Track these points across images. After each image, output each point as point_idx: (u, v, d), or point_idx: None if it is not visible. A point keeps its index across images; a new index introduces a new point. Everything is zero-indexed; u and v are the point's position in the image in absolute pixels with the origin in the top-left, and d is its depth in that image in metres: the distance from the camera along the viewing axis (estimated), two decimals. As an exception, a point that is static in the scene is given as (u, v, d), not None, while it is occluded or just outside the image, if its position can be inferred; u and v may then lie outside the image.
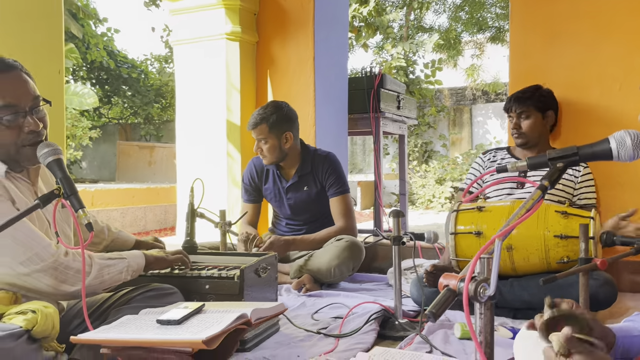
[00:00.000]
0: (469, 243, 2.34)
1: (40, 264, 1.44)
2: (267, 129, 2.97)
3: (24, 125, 1.51)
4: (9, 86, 1.50)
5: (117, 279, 1.63)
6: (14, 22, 2.25)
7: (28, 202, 1.53)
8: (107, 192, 7.39)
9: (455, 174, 10.88)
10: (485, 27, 13.32)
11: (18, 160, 1.54)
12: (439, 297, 0.86)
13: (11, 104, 1.49)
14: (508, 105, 2.78)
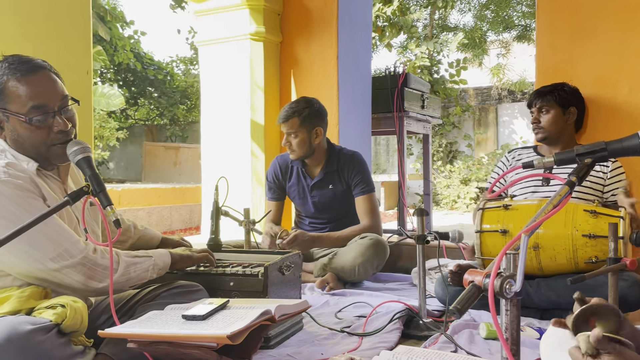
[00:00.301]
0: (495, 241, 2.31)
1: (70, 260, 1.47)
2: (298, 122, 2.98)
3: (53, 125, 1.54)
4: (38, 87, 1.52)
5: (143, 276, 1.65)
6: (43, 23, 2.30)
7: (58, 200, 1.55)
8: (134, 191, 7.50)
9: (480, 174, 10.77)
10: (511, 25, 13.15)
11: (48, 158, 1.57)
12: (464, 293, 0.85)
13: (41, 105, 1.52)
14: (530, 100, 2.76)
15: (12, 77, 1.51)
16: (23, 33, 2.20)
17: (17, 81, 1.50)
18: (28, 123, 1.51)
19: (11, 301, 1.39)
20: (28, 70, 1.52)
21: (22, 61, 1.54)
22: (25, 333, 1.25)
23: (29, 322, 1.28)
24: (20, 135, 1.53)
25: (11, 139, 1.54)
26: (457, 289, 2.35)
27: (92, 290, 1.52)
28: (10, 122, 1.52)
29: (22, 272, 1.47)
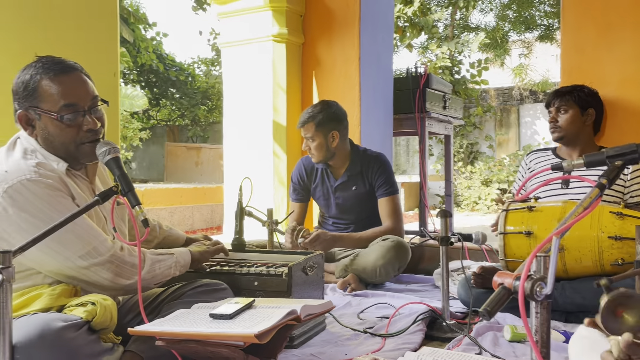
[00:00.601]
0: (519, 243, 2.29)
1: (98, 257, 1.50)
2: (313, 127, 3.01)
3: (83, 123, 1.57)
4: (70, 86, 1.56)
5: (167, 273, 1.69)
6: (72, 25, 2.34)
7: (86, 199, 1.59)
8: (157, 191, 7.59)
9: (501, 176, 10.66)
10: (534, 25, 13.01)
11: (77, 157, 1.60)
12: (493, 295, 0.85)
13: (72, 104, 1.55)
14: (548, 100, 2.74)
15: (45, 76, 1.55)
16: (51, 35, 2.25)
17: (50, 80, 1.54)
18: (59, 121, 1.54)
19: (43, 299, 1.43)
20: (60, 70, 1.56)
21: (55, 62, 1.58)
22: (58, 330, 1.28)
23: (61, 319, 1.31)
24: (50, 134, 1.56)
25: (42, 137, 1.57)
26: (480, 291, 2.34)
27: (120, 287, 1.55)
28: (41, 121, 1.56)
29: (52, 269, 1.50)
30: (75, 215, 1.33)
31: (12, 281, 1.15)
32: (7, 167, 1.48)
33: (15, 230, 1.44)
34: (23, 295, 1.44)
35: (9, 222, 1.44)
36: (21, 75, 1.58)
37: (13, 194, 1.43)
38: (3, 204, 1.43)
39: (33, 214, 1.44)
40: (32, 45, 2.16)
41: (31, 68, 1.57)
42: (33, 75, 1.55)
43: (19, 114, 1.57)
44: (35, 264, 1.50)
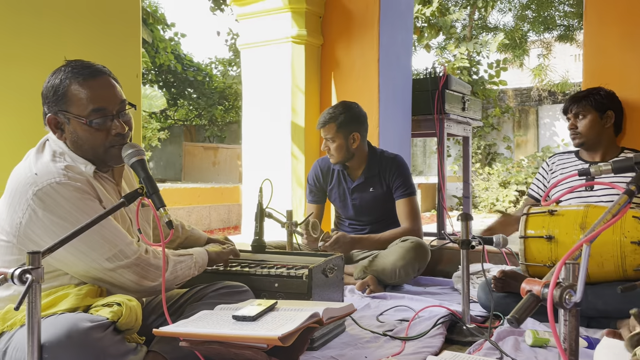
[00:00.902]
0: (540, 247, 2.27)
1: (124, 260, 1.51)
2: (334, 128, 3.00)
3: (111, 128, 1.58)
4: (99, 91, 1.57)
5: (187, 274, 1.72)
6: (95, 27, 2.37)
7: (113, 201, 1.60)
8: (175, 191, 7.65)
9: (520, 177, 10.57)
10: (553, 25, 12.87)
11: (105, 160, 1.61)
12: (521, 302, 0.85)
13: (101, 108, 1.56)
14: (565, 106, 2.72)
15: (75, 81, 1.56)
16: (75, 37, 2.28)
17: (79, 85, 1.56)
18: (88, 125, 1.55)
19: (69, 299, 1.45)
20: (90, 74, 1.58)
21: (84, 66, 1.59)
22: (85, 330, 1.30)
23: (88, 320, 1.33)
24: (79, 137, 1.57)
25: (71, 140, 1.59)
26: (500, 295, 2.33)
27: (144, 289, 1.57)
28: (71, 125, 1.57)
29: (79, 271, 1.52)
30: (102, 217, 1.35)
31: (41, 281, 1.17)
32: (36, 169, 1.50)
33: (44, 232, 1.46)
34: (50, 295, 1.46)
35: (38, 225, 1.46)
36: (51, 80, 1.59)
37: (42, 196, 1.45)
38: (33, 207, 1.45)
39: (62, 217, 1.46)
40: (58, 48, 2.19)
41: (60, 72, 1.58)
42: (63, 80, 1.56)
43: (48, 117, 1.58)
44: (63, 265, 1.52)
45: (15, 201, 1.48)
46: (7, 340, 1.39)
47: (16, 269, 1.14)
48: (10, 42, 2.06)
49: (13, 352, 1.35)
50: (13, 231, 1.49)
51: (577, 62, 21.26)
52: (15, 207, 1.48)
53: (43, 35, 2.16)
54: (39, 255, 1.17)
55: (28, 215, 1.46)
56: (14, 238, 1.49)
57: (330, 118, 3.02)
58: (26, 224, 1.46)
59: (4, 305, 1.51)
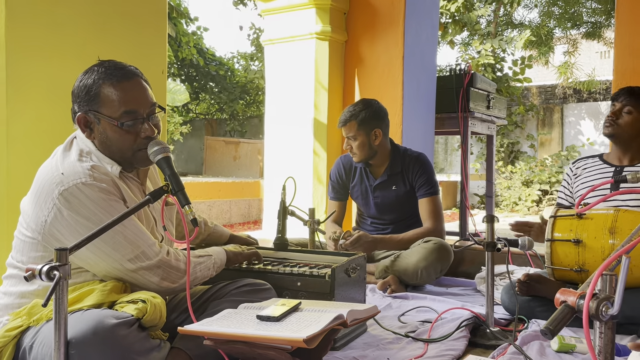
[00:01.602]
0: (567, 251, 2.23)
1: (146, 262, 1.52)
2: (355, 125, 2.98)
3: (141, 130, 1.58)
4: (131, 93, 1.57)
5: (206, 274, 1.73)
6: (120, 24, 2.38)
7: (137, 201, 1.59)
8: (196, 185, 7.70)
9: (543, 177, 10.42)
10: (580, 22, 12.65)
11: (132, 162, 1.62)
12: (556, 313, 0.83)
13: (132, 110, 1.56)
14: (617, 94, 2.60)
15: (108, 82, 1.56)
16: (100, 33, 2.29)
17: (112, 87, 1.56)
18: (119, 127, 1.55)
19: (94, 295, 1.46)
20: (123, 76, 1.57)
21: (118, 67, 1.59)
22: (111, 327, 1.31)
23: (113, 316, 1.34)
24: (108, 138, 1.58)
25: (100, 140, 1.59)
26: (524, 298, 2.29)
27: (165, 290, 1.58)
28: (101, 125, 1.57)
29: (101, 271, 1.53)
30: (126, 215, 1.35)
31: (68, 278, 1.18)
32: (63, 169, 1.51)
33: (69, 232, 1.48)
34: (76, 291, 1.48)
35: (63, 224, 1.48)
36: (83, 79, 1.59)
37: (68, 196, 1.47)
38: (58, 206, 1.47)
39: (86, 217, 1.47)
40: (86, 46, 2.21)
41: (93, 72, 1.58)
42: (96, 80, 1.56)
43: (78, 116, 1.58)
44: (86, 264, 1.53)
45: (42, 199, 1.49)
46: (33, 335, 1.40)
47: (44, 266, 1.15)
48: (44, 38, 2.08)
49: (39, 348, 1.37)
50: (38, 229, 1.50)
51: (603, 59, 20.87)
52: (41, 205, 1.49)
53: (71, 31, 2.17)
54: (66, 252, 1.18)
55: (53, 214, 1.47)
56: (39, 235, 1.51)
57: (351, 116, 3.00)
58: (51, 223, 1.48)
59: (29, 301, 1.52)
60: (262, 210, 4.59)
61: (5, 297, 1.58)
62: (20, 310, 1.47)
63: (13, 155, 2.00)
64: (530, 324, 2.19)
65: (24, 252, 1.56)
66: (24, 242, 1.56)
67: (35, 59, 2.06)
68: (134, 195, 1.64)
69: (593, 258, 2.16)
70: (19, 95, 2.01)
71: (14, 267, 1.60)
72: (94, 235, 1.28)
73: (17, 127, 2.00)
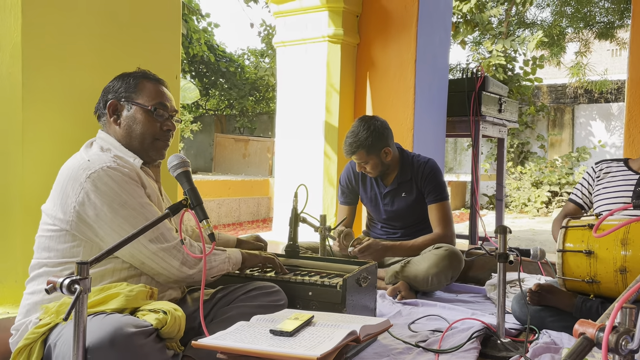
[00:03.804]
0: (578, 262, 2.22)
1: (165, 243, 1.62)
2: (364, 154, 2.95)
3: (164, 123, 1.80)
4: (163, 92, 1.83)
5: (221, 267, 1.81)
6: (134, 30, 2.38)
7: (156, 190, 1.78)
8: (205, 183, 7.73)
9: (553, 178, 10.37)
10: (593, 22, 12.54)
11: (148, 151, 1.78)
12: (574, 345, 0.82)
13: (164, 105, 1.80)
14: None
15: (147, 79, 1.81)
16: (114, 40, 2.29)
17: (152, 83, 1.81)
18: (150, 112, 1.76)
19: (119, 299, 1.48)
20: (159, 80, 1.85)
21: (152, 73, 1.86)
22: (129, 335, 1.33)
23: (133, 324, 1.36)
24: (136, 122, 1.75)
25: (125, 125, 1.76)
26: (536, 308, 2.29)
27: (185, 276, 1.66)
28: (131, 111, 1.76)
29: (126, 253, 1.61)
30: (152, 224, 1.39)
31: (88, 292, 1.19)
32: (88, 157, 1.65)
33: (95, 214, 1.57)
34: (102, 292, 1.50)
35: (90, 207, 1.57)
36: (122, 76, 1.81)
37: (95, 179, 1.58)
38: (86, 189, 1.57)
39: (111, 198, 1.58)
40: (100, 53, 2.22)
41: (132, 74, 1.82)
42: (137, 76, 1.80)
43: (110, 102, 1.76)
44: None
45: (69, 187, 1.59)
46: (58, 333, 1.44)
47: (65, 279, 1.16)
48: (58, 45, 2.09)
49: (62, 347, 1.41)
50: (67, 217, 1.58)
51: (615, 57, 20.69)
52: (68, 192, 1.59)
53: (85, 38, 2.18)
54: (87, 266, 1.19)
55: (81, 198, 1.57)
56: (67, 224, 1.59)
57: (358, 146, 2.93)
58: (79, 207, 1.57)
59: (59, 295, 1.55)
60: (272, 209, 4.60)
61: (33, 296, 1.63)
62: (51, 307, 1.50)
63: (28, 160, 2.01)
64: (541, 335, 2.18)
65: (51, 248, 1.63)
66: (50, 238, 1.63)
67: (50, 66, 2.07)
68: (153, 188, 1.76)
69: (605, 269, 2.15)
70: (35, 101, 2.02)
71: (39, 266, 1.65)
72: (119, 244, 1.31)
73: (32, 133, 2.02)
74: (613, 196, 2.58)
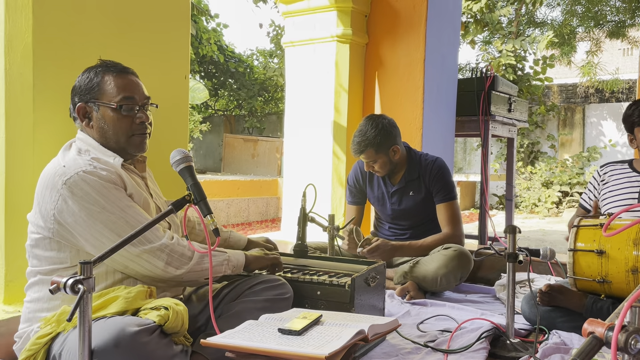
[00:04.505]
0: (589, 262, 2.21)
1: (149, 245, 1.57)
2: (373, 152, 2.93)
3: (136, 117, 1.72)
4: (129, 83, 1.73)
5: (216, 270, 1.73)
6: (144, 29, 2.39)
7: (140, 189, 1.71)
8: (215, 183, 7.75)
9: (564, 178, 10.30)
10: (604, 21, 12.45)
11: (126, 148, 1.72)
12: (583, 345, 0.82)
13: (129, 97, 1.71)
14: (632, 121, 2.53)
15: (108, 73, 1.71)
16: (124, 40, 2.30)
17: (113, 77, 1.71)
18: (117, 110, 1.69)
19: (118, 302, 1.48)
20: (120, 70, 1.74)
21: (116, 64, 1.76)
22: (132, 334, 1.33)
23: (135, 324, 1.36)
24: (106, 123, 1.69)
25: (97, 127, 1.70)
26: (546, 308, 2.27)
27: (171, 276, 1.61)
28: (99, 112, 1.69)
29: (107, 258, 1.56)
30: (151, 225, 1.37)
31: (92, 292, 1.19)
32: (64, 162, 1.61)
33: (74, 220, 1.54)
34: (101, 297, 1.50)
35: (68, 213, 1.54)
36: (84, 74, 1.74)
37: (71, 185, 1.54)
38: (64, 196, 1.54)
39: (90, 203, 1.54)
40: (110, 52, 2.23)
41: (94, 68, 1.73)
42: (97, 73, 1.71)
43: (78, 106, 1.71)
44: (96, 252, 1.55)
45: (47, 194, 1.56)
46: (61, 343, 1.43)
47: (68, 279, 1.17)
48: (69, 45, 2.11)
49: (67, 356, 1.40)
50: (47, 224, 1.56)
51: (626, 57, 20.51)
52: (47, 199, 1.56)
53: (95, 38, 2.20)
54: (90, 266, 1.20)
55: (60, 205, 1.54)
56: (49, 232, 1.57)
57: (367, 144, 2.92)
58: (58, 214, 1.54)
59: (59, 302, 1.56)
60: (280, 209, 4.61)
61: (32, 304, 1.62)
62: (50, 317, 1.50)
63: (39, 161, 2.02)
64: (551, 335, 2.17)
65: (39, 256, 1.62)
66: (36, 247, 1.62)
67: (61, 67, 2.09)
68: (137, 184, 1.71)
69: (616, 269, 2.13)
70: (46, 102, 2.04)
71: (33, 275, 1.65)
72: (118, 246, 1.30)
73: (43, 134, 2.03)
74: (619, 198, 2.56)
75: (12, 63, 2.01)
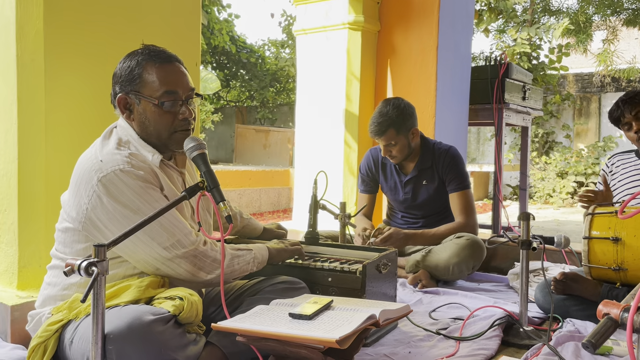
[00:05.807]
0: (605, 249, 2.18)
1: (182, 250, 1.52)
2: (394, 132, 2.90)
3: (179, 112, 1.62)
4: (172, 75, 1.62)
5: (245, 269, 1.71)
6: (154, 16, 2.39)
7: (175, 190, 1.64)
8: (227, 173, 7.77)
9: (579, 168, 10.18)
10: (621, 9, 12.24)
11: (168, 145, 1.64)
12: (598, 326, 0.80)
13: (172, 91, 1.60)
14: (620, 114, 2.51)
15: (151, 63, 1.60)
16: (135, 27, 2.30)
17: (155, 68, 1.60)
18: (158, 107, 1.60)
19: (131, 290, 1.48)
20: (164, 59, 1.62)
21: (160, 51, 1.65)
22: (147, 323, 1.33)
23: (150, 313, 1.36)
24: (147, 118, 1.61)
25: (138, 122, 1.62)
26: (560, 297, 2.25)
27: (200, 281, 1.58)
28: (140, 105, 1.61)
29: (138, 259, 1.54)
30: (164, 210, 1.37)
31: (106, 274, 1.19)
32: (101, 157, 1.54)
33: (107, 218, 1.50)
34: (114, 287, 1.50)
35: (102, 211, 1.50)
36: (126, 61, 1.63)
37: (107, 183, 1.49)
38: (98, 193, 1.49)
39: (124, 204, 1.49)
40: (121, 39, 2.23)
41: (137, 55, 1.62)
42: (139, 61, 1.61)
43: (119, 97, 1.62)
44: (124, 253, 1.55)
45: (82, 187, 1.52)
46: (73, 330, 1.43)
47: (82, 261, 1.17)
48: (80, 32, 2.11)
49: (79, 343, 1.40)
50: (79, 217, 1.53)
51: (643, 46, 20.16)
52: (81, 193, 1.52)
53: (106, 25, 2.20)
54: (104, 248, 1.20)
55: (93, 201, 1.49)
56: (79, 224, 1.53)
57: (388, 125, 2.88)
58: (91, 210, 1.50)
59: (71, 293, 1.56)
60: (292, 199, 4.60)
61: (49, 287, 1.63)
62: (61, 305, 1.50)
63: (51, 148, 2.03)
64: (565, 324, 2.15)
65: (67, 244, 1.60)
66: (65, 234, 1.60)
67: (72, 53, 2.09)
68: (173, 184, 1.66)
69: (632, 257, 2.10)
70: (57, 88, 2.04)
71: (57, 258, 1.63)
72: (133, 229, 1.29)
73: (55, 120, 2.04)
74: (627, 187, 2.55)
75: (24, 50, 2.01)
